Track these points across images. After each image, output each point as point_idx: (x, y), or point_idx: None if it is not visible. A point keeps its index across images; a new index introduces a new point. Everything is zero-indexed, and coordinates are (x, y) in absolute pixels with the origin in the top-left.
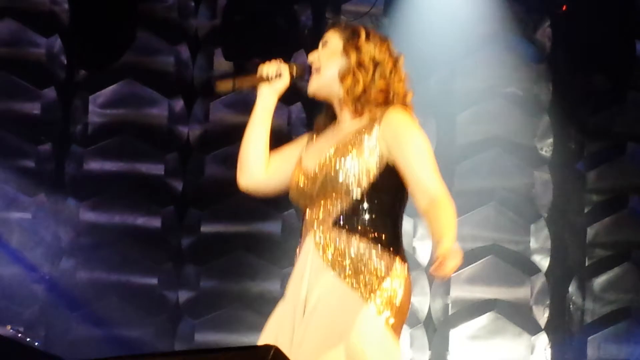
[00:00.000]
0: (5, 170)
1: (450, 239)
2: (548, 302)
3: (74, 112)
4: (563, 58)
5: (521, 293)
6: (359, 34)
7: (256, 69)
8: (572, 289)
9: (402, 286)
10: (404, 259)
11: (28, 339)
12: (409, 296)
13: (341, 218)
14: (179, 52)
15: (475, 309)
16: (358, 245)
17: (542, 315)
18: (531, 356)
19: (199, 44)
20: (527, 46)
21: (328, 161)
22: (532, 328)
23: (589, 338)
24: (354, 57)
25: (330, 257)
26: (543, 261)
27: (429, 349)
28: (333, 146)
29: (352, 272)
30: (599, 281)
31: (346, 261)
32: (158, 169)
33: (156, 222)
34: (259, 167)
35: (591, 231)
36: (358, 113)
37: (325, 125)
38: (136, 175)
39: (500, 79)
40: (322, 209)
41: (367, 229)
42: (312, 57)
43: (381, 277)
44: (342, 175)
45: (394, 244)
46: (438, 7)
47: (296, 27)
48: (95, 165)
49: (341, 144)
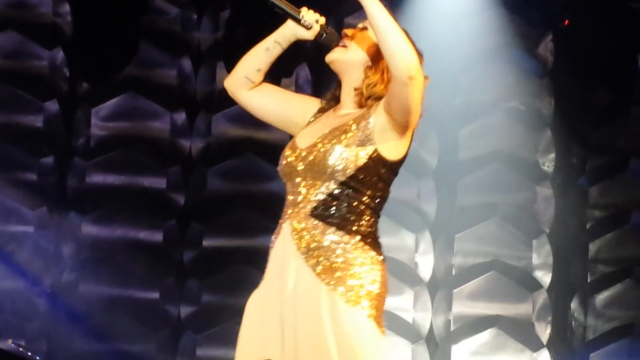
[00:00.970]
0: (7, 183)
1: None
2: (550, 319)
3: (77, 125)
4: (565, 72)
5: (523, 309)
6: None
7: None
8: (574, 305)
9: (378, 277)
10: (381, 252)
11: (29, 353)
12: (386, 287)
13: (321, 206)
14: (182, 65)
15: (477, 325)
16: (334, 235)
17: (544, 332)
18: None
19: (201, 57)
20: (529, 60)
21: (318, 144)
22: (534, 344)
23: (591, 355)
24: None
25: (304, 246)
26: (545, 277)
27: None
28: (327, 129)
29: (327, 266)
30: (602, 297)
31: (321, 252)
32: (160, 182)
33: (158, 236)
34: (246, 80)
35: (593, 247)
36: (362, 105)
37: (330, 103)
38: (138, 188)
39: (502, 93)
40: (303, 193)
41: (345, 219)
42: (349, 32)
43: (356, 270)
44: (328, 161)
45: (371, 237)
46: (439, 22)
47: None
48: (97, 178)
49: (336, 130)
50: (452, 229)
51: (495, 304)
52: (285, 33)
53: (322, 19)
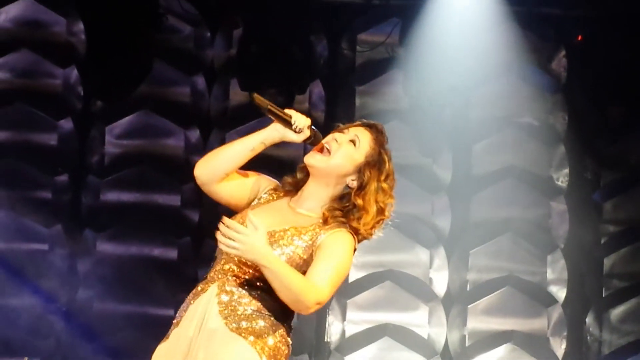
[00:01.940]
0: (22, 202)
1: (268, 258)
2: (565, 334)
3: (91, 143)
4: (579, 88)
5: (538, 324)
6: (387, 160)
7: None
8: (589, 320)
9: (286, 350)
10: (289, 333)
11: None
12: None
13: (249, 280)
14: (195, 82)
15: (492, 340)
16: (256, 307)
17: (560, 347)
18: None
19: (215, 74)
20: (543, 76)
21: (274, 235)
22: (550, 359)
23: None
24: (374, 184)
25: (226, 310)
26: (560, 292)
27: None
28: (285, 224)
29: (246, 327)
30: (616, 312)
31: (242, 318)
32: (174, 200)
33: (172, 253)
34: (219, 173)
35: (608, 262)
36: (325, 220)
37: (289, 189)
38: (153, 206)
39: (516, 109)
40: (240, 266)
41: (267, 297)
42: (333, 138)
43: (269, 337)
44: (276, 252)
45: (283, 318)
46: (453, 37)
47: (312, 57)
48: (111, 196)
49: (292, 228)
50: (466, 244)
51: (510, 319)
52: (273, 135)
53: (308, 121)
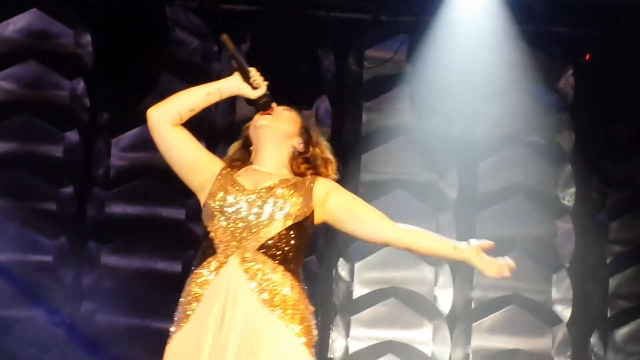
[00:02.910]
0: (27, 213)
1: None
2: (570, 353)
3: (97, 155)
4: (586, 107)
5: (542, 343)
6: (315, 135)
7: (250, 65)
8: (594, 340)
9: (313, 319)
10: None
11: None
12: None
13: (268, 244)
14: None
15: (496, 359)
16: (281, 274)
17: None
18: None
19: None
20: (550, 95)
21: (269, 191)
22: None
23: None
24: (319, 139)
25: (254, 279)
26: (565, 311)
27: None
28: (271, 180)
29: (277, 301)
30: (622, 332)
31: (270, 287)
32: (179, 213)
33: (177, 267)
34: (175, 115)
35: (613, 282)
36: (296, 171)
37: (238, 162)
38: (157, 219)
39: (522, 127)
40: (248, 234)
41: (289, 265)
42: (275, 107)
43: (303, 313)
44: (279, 208)
45: (303, 286)
46: (460, 55)
47: (319, 72)
48: (116, 208)
49: (283, 186)
50: None
51: (515, 338)
52: (231, 84)
53: (264, 83)
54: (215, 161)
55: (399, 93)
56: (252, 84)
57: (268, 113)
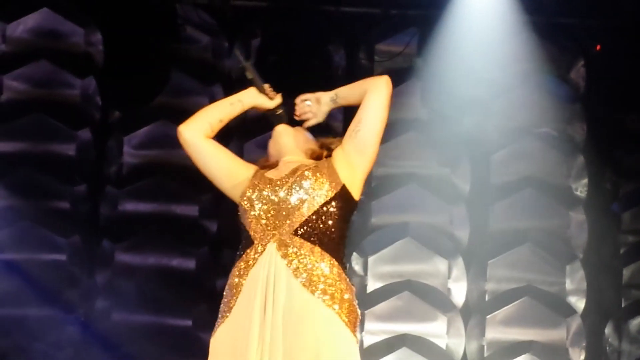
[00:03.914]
0: (40, 212)
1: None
2: (584, 344)
3: (109, 153)
4: (597, 98)
5: (557, 335)
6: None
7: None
8: (608, 330)
9: (354, 299)
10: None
11: None
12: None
13: (303, 227)
14: (213, 92)
15: (510, 350)
16: (319, 255)
17: (579, 357)
18: None
19: (232, 84)
20: (561, 86)
21: (295, 179)
22: None
23: None
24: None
25: (294, 263)
26: (579, 302)
27: None
28: (299, 169)
29: (316, 281)
30: (636, 322)
31: (309, 269)
32: (192, 210)
33: (190, 264)
34: (208, 127)
35: (627, 272)
36: (314, 157)
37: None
38: (171, 216)
39: (534, 119)
40: (281, 220)
41: (325, 242)
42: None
43: (344, 293)
44: (305, 193)
45: (344, 265)
46: (471, 47)
47: (330, 67)
48: (130, 206)
49: (305, 169)
50: (484, 254)
51: (529, 330)
52: (249, 95)
53: (279, 96)
54: (249, 166)
55: (410, 87)
56: (269, 94)
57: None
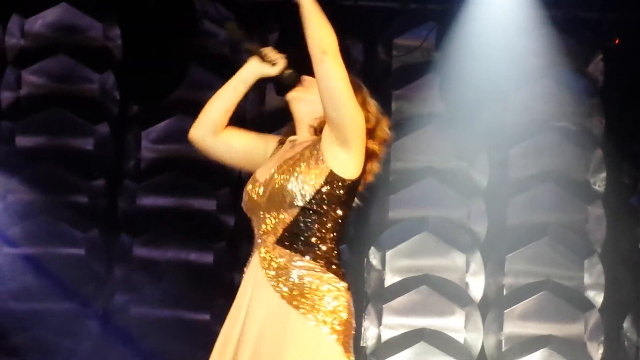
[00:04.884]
0: (59, 206)
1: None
2: (602, 339)
3: (127, 147)
4: (616, 91)
5: (575, 329)
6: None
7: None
8: (626, 324)
9: (346, 305)
10: (345, 279)
11: None
12: (352, 315)
13: (285, 234)
14: None
15: (528, 345)
16: (301, 262)
17: (597, 352)
18: None
19: None
20: (580, 80)
21: (275, 174)
22: None
23: None
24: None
25: (273, 274)
26: (597, 297)
27: None
28: (282, 160)
29: (296, 292)
30: None
31: (289, 279)
32: (210, 204)
33: (208, 258)
34: (212, 124)
35: None
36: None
37: (286, 138)
38: (188, 210)
39: (553, 113)
40: (268, 224)
41: (309, 245)
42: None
43: (323, 297)
44: (286, 189)
45: (334, 262)
46: (489, 42)
47: (348, 61)
48: (148, 200)
49: (290, 159)
50: (503, 249)
51: (547, 324)
52: (251, 71)
53: (282, 57)
54: (268, 141)
55: (428, 81)
56: (270, 61)
57: (300, 86)
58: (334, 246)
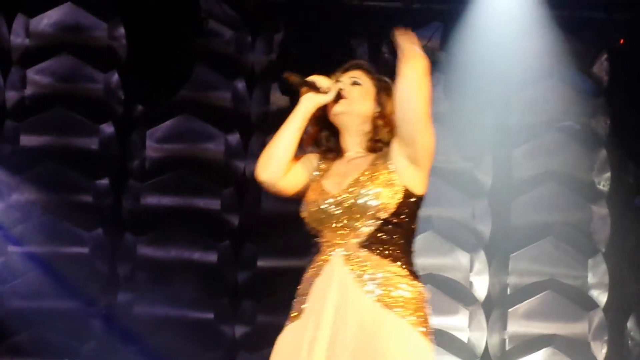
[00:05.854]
0: (63, 205)
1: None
2: (606, 338)
3: (132, 147)
4: (620, 91)
5: (579, 328)
6: (390, 87)
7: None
8: (630, 324)
9: (427, 304)
10: (420, 279)
11: None
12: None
13: (369, 240)
14: (236, 87)
15: (532, 344)
16: (389, 267)
17: (600, 351)
18: None
19: (255, 78)
20: (584, 80)
21: (350, 189)
22: None
23: None
24: (389, 107)
25: (364, 279)
26: (601, 296)
27: None
28: (354, 174)
29: (388, 297)
30: None
31: (381, 284)
32: (214, 203)
33: (212, 257)
34: (283, 166)
35: None
36: (373, 149)
37: (333, 152)
38: (193, 210)
39: (557, 112)
40: (348, 230)
41: (393, 253)
42: (343, 86)
43: (412, 299)
44: (367, 205)
45: (414, 267)
46: (494, 41)
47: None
48: (152, 200)
49: (367, 171)
50: (507, 248)
51: (551, 323)
52: (308, 105)
53: (334, 82)
54: (311, 160)
55: (432, 81)
56: (324, 91)
57: (342, 99)
58: (412, 252)
